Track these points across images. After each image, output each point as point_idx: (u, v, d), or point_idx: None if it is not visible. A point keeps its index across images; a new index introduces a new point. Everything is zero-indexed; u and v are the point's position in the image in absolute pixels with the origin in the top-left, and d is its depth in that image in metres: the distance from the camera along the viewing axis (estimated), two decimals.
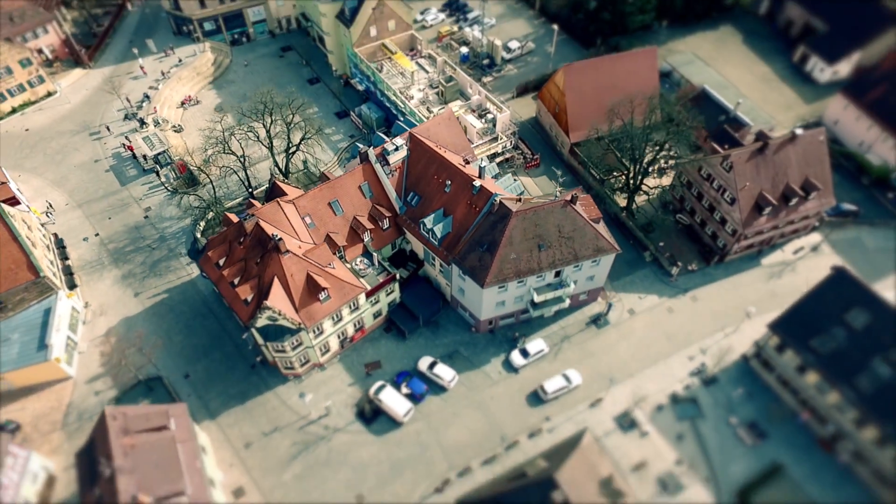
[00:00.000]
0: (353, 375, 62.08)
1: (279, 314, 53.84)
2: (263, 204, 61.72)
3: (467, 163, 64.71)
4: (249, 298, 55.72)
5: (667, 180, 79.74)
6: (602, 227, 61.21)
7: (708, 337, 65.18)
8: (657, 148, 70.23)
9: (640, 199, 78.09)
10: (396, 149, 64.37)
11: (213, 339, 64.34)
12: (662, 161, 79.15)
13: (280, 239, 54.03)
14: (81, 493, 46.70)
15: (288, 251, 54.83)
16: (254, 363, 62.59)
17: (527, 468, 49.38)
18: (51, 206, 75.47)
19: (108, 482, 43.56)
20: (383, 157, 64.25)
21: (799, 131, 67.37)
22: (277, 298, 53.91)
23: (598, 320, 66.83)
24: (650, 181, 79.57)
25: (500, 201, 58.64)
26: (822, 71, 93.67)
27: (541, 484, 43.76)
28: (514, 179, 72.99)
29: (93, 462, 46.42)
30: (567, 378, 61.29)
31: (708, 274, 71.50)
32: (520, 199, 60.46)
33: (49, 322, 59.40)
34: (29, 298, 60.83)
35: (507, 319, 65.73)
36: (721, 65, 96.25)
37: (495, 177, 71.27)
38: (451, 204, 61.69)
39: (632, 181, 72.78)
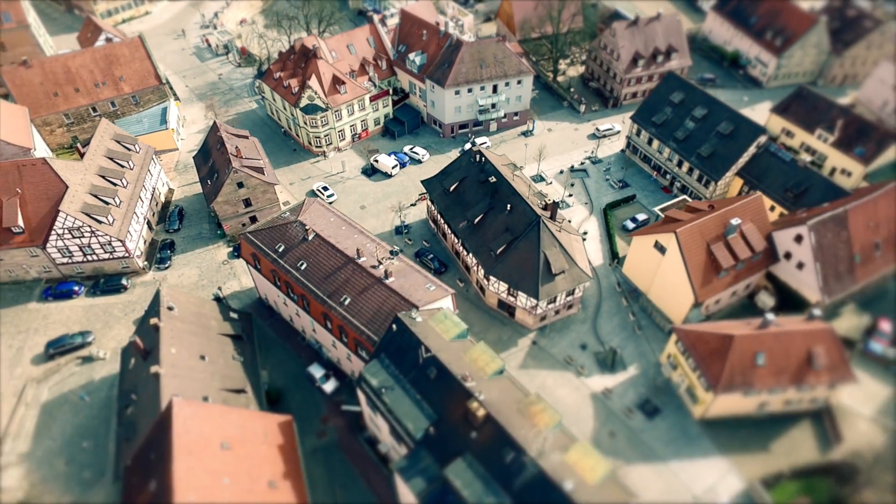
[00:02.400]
0: (360, 156, 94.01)
1: (315, 94, 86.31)
2: None
3: (437, 24, 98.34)
4: (296, 90, 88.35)
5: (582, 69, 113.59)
6: (524, 59, 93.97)
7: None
8: (571, 36, 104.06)
9: (570, 73, 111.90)
10: (392, 15, 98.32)
11: (268, 137, 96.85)
12: (580, 55, 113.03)
13: (317, 47, 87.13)
14: (199, 170, 78.54)
15: (321, 58, 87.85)
16: (284, 131, 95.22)
17: None
18: (167, 78, 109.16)
19: (219, 151, 75.39)
20: (383, 21, 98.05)
21: (661, 11, 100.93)
22: (314, 83, 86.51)
23: (525, 133, 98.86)
24: (571, 71, 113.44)
25: (456, 38, 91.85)
26: (707, 2, 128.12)
27: (467, 151, 75.28)
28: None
29: (206, 152, 78.52)
30: (612, 126, 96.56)
31: (606, 113, 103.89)
32: None
33: (166, 113, 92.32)
34: (153, 100, 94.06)
35: (464, 129, 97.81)
36: (636, 1, 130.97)
37: None
38: (426, 46, 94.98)
39: (555, 56, 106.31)
